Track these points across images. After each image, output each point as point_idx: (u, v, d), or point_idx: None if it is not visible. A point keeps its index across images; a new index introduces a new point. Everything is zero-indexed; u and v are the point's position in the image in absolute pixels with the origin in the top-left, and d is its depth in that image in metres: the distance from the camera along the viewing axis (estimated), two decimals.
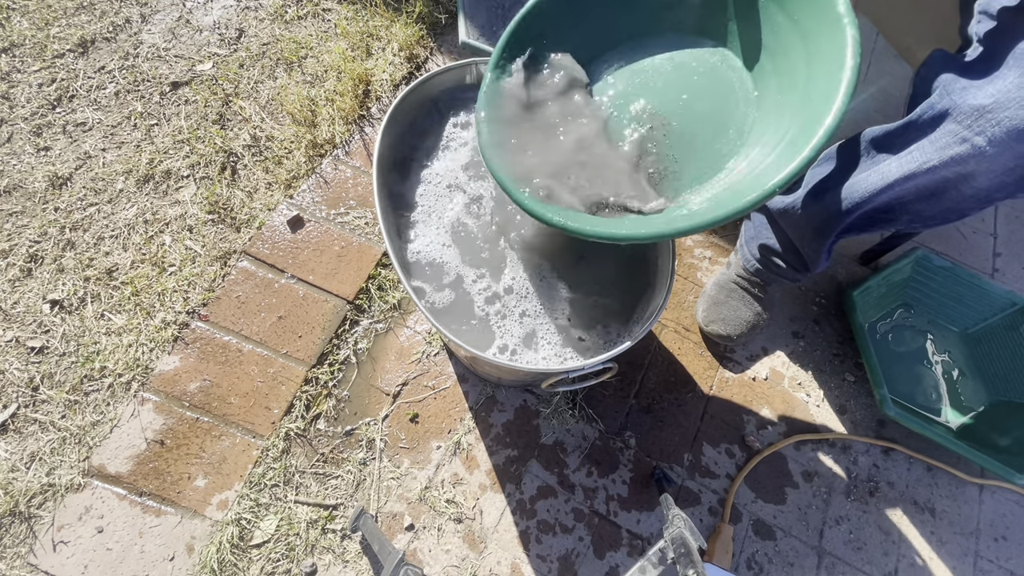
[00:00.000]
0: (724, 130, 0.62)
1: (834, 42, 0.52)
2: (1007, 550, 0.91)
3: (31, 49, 1.18)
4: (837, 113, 0.50)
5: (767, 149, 0.58)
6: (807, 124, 0.53)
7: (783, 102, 0.58)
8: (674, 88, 0.65)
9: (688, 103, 0.64)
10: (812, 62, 0.55)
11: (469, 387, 0.94)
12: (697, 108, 0.64)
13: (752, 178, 0.56)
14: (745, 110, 0.61)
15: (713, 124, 0.63)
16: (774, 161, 0.55)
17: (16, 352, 0.90)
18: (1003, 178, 0.62)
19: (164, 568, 0.79)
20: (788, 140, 0.55)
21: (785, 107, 0.57)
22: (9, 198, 1.02)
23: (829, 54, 0.53)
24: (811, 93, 0.54)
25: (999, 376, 0.99)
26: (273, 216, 1.03)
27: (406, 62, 1.21)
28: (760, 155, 0.58)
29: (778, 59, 0.58)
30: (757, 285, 0.96)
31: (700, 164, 0.63)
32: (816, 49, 0.55)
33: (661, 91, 0.65)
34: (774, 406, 0.98)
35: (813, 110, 0.53)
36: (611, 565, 0.85)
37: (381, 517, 0.85)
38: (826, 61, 0.53)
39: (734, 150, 0.61)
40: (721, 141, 0.62)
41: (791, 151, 0.53)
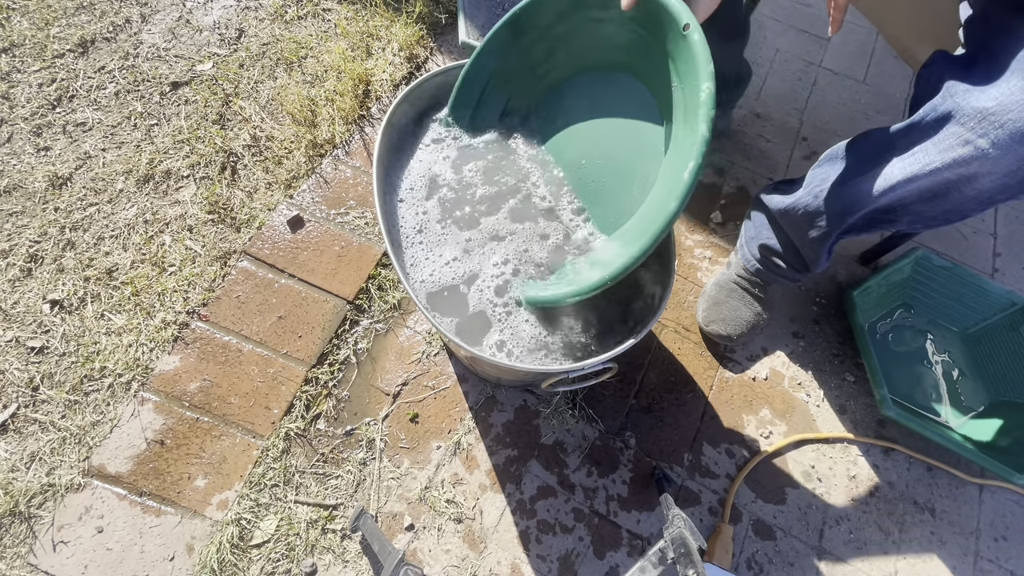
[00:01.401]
0: (629, 186, 0.64)
1: (683, 160, 0.52)
2: (1007, 550, 0.91)
3: (31, 49, 1.18)
4: (644, 245, 0.53)
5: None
6: (640, 228, 0.56)
7: (656, 184, 0.59)
8: (602, 138, 0.68)
9: (608, 153, 0.67)
10: (676, 156, 0.55)
11: (469, 387, 0.94)
12: (615, 160, 0.66)
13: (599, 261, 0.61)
14: (650, 169, 0.61)
15: (623, 179, 0.65)
16: (615, 250, 0.59)
17: (16, 352, 0.90)
18: (1005, 180, 0.62)
19: (164, 568, 0.80)
20: (633, 234, 0.59)
21: (656, 189, 0.59)
22: (9, 198, 1.02)
23: (676, 167, 0.53)
24: (658, 195, 0.56)
25: (999, 376, 0.99)
26: (273, 216, 1.03)
27: (406, 62, 1.21)
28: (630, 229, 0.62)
29: (671, 135, 0.58)
30: (757, 285, 0.96)
31: (608, 217, 0.67)
32: (675, 147, 0.55)
33: (592, 140, 0.69)
34: (774, 406, 0.98)
35: (648, 218, 0.56)
36: (611, 565, 0.85)
37: (381, 517, 0.85)
38: (671, 174, 0.54)
39: (635, 207, 0.62)
40: (627, 198, 0.64)
41: (626, 248, 0.57)
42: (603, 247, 0.67)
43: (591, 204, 0.70)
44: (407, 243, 0.69)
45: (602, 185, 0.68)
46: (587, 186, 0.70)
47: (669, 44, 0.54)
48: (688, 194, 0.50)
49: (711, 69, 0.49)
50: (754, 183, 1.19)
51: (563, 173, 0.73)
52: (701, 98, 0.49)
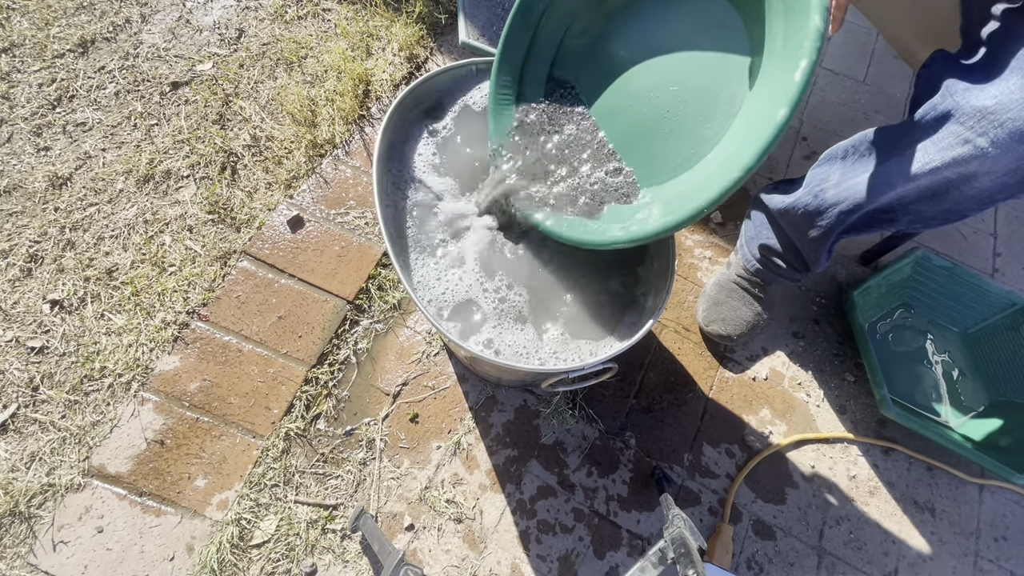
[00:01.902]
0: (712, 114, 0.58)
1: (793, 58, 0.47)
2: (1007, 550, 0.91)
3: (31, 49, 1.18)
4: (749, 162, 0.48)
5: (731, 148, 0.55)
6: (740, 147, 0.50)
7: (753, 97, 0.54)
8: (675, 62, 0.62)
9: (683, 79, 0.61)
10: (780, 61, 0.49)
11: (469, 387, 0.94)
12: (690, 86, 0.60)
13: (698, 187, 0.55)
14: (737, 89, 0.56)
15: (703, 106, 0.59)
16: (715, 171, 0.53)
17: (16, 352, 0.90)
18: (1005, 179, 0.62)
19: (164, 568, 0.80)
20: (726, 157, 0.53)
21: (752, 105, 0.54)
22: (9, 198, 1.02)
23: (784, 71, 0.48)
24: (760, 107, 0.51)
25: (999, 376, 0.98)
26: (273, 216, 1.03)
27: (406, 62, 1.21)
28: (724, 155, 0.56)
29: (764, 42, 0.53)
30: (757, 285, 0.96)
31: (686, 149, 0.61)
32: (782, 53, 0.49)
33: (663, 67, 0.63)
34: (774, 406, 0.98)
35: (751, 129, 0.50)
36: (611, 565, 0.85)
37: (381, 517, 0.85)
38: (781, 76, 0.48)
39: (720, 134, 0.57)
40: (708, 125, 0.58)
41: (721, 173, 0.51)
42: (678, 183, 0.60)
43: (662, 141, 0.63)
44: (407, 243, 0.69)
45: (678, 116, 0.61)
46: (658, 119, 0.63)
47: None
48: (800, 98, 0.45)
49: None
50: (754, 183, 1.19)
51: (623, 115, 0.66)
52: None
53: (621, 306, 0.72)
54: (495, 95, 0.71)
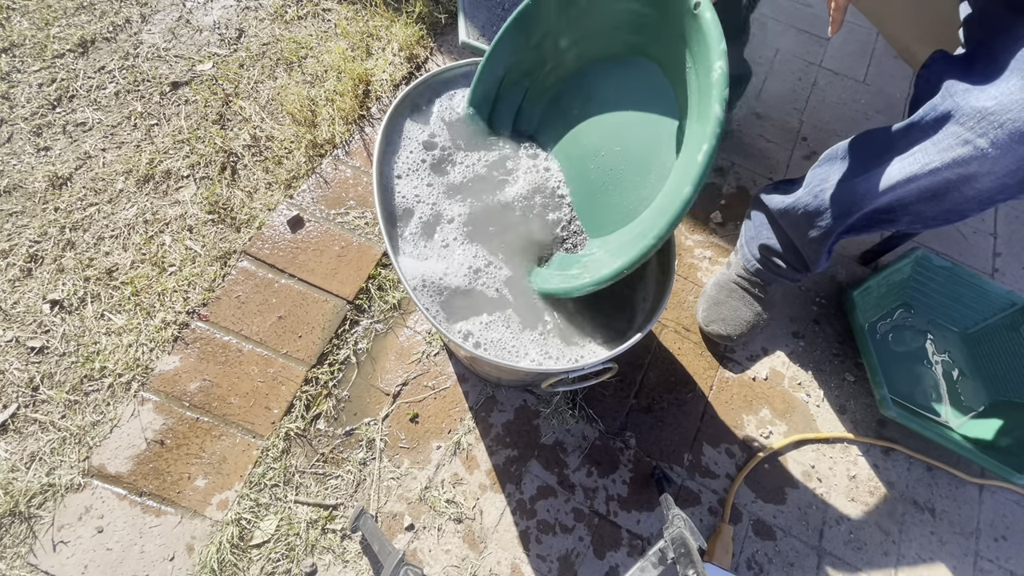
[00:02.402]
0: (647, 175, 0.63)
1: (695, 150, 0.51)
2: (1007, 550, 0.91)
3: (31, 49, 1.18)
4: (660, 231, 0.52)
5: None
6: (656, 216, 0.55)
7: (675, 167, 0.58)
8: (620, 125, 0.67)
9: (625, 141, 0.66)
10: (691, 139, 0.54)
11: (469, 387, 0.94)
12: (632, 148, 0.65)
13: (625, 246, 0.60)
14: (667, 155, 0.61)
15: (640, 167, 0.64)
16: (638, 234, 0.58)
17: (16, 352, 0.90)
18: (1005, 180, 0.62)
19: (164, 568, 0.80)
20: (647, 224, 0.58)
21: (673, 175, 0.58)
22: (9, 198, 1.02)
23: (688, 159, 0.52)
24: (674, 181, 0.55)
25: (999, 376, 0.99)
26: (273, 216, 1.03)
27: (406, 62, 1.21)
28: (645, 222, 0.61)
29: (687, 120, 0.57)
30: (757, 285, 0.96)
31: (626, 206, 0.66)
32: (689, 135, 0.54)
33: (610, 128, 0.68)
34: (774, 406, 0.98)
35: (665, 201, 0.55)
36: (611, 565, 0.85)
37: (381, 517, 0.85)
38: (684, 164, 0.53)
39: (654, 194, 0.62)
40: (644, 185, 0.63)
41: (641, 237, 0.55)
42: (617, 237, 0.66)
43: (605, 196, 0.69)
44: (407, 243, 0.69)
45: (620, 174, 0.67)
46: (604, 175, 0.68)
47: (681, 23, 0.53)
48: (703, 177, 0.49)
49: (723, 48, 0.48)
50: (754, 183, 1.19)
51: (574, 169, 0.72)
52: (713, 78, 0.48)
53: (621, 306, 0.72)
54: (471, 119, 0.74)
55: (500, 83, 0.72)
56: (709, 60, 0.49)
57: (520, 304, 0.69)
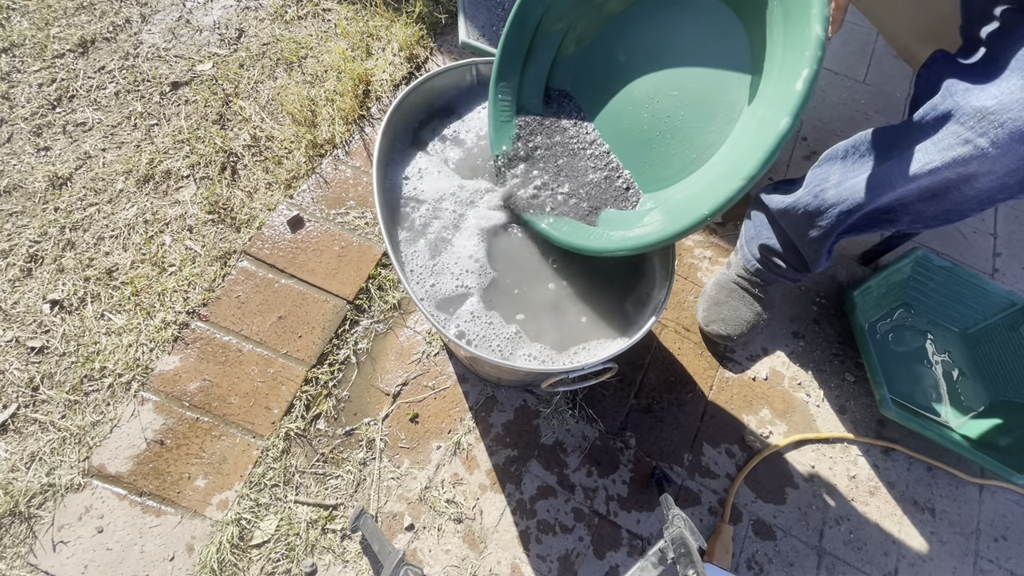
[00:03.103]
0: (713, 119, 0.58)
1: (796, 64, 0.46)
2: (1007, 550, 0.91)
3: (31, 49, 1.18)
4: (751, 170, 0.47)
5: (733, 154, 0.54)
6: (742, 154, 0.50)
7: (755, 104, 0.53)
8: (675, 66, 0.61)
9: (684, 84, 0.60)
10: (781, 70, 0.49)
11: (469, 387, 0.94)
12: (691, 91, 0.60)
13: (701, 194, 0.55)
14: (738, 94, 0.56)
15: (704, 111, 0.58)
16: (718, 178, 0.52)
17: (16, 352, 0.90)
18: (1005, 179, 0.62)
19: (164, 568, 0.80)
20: (728, 165, 0.52)
21: (754, 112, 0.53)
22: (9, 198, 1.02)
23: (789, 75, 0.47)
24: (762, 115, 0.50)
25: (999, 376, 0.98)
26: (273, 216, 1.03)
27: (406, 62, 1.21)
28: (726, 160, 0.56)
29: (765, 49, 0.52)
30: (757, 285, 0.96)
31: (687, 155, 0.60)
32: (784, 57, 0.49)
33: (663, 71, 0.62)
34: (774, 406, 0.98)
35: (753, 137, 0.50)
36: (611, 565, 0.85)
37: (381, 517, 0.85)
38: (784, 84, 0.47)
39: (721, 139, 0.57)
40: (710, 130, 0.58)
41: (724, 180, 0.50)
42: (683, 188, 0.59)
43: (663, 146, 0.63)
44: (407, 243, 0.69)
45: (679, 121, 0.60)
46: (660, 123, 0.62)
47: None
48: (803, 107, 0.44)
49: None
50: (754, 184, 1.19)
51: (624, 120, 0.66)
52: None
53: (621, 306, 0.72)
54: (495, 106, 0.70)
55: (536, 28, 0.66)
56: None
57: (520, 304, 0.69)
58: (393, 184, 0.72)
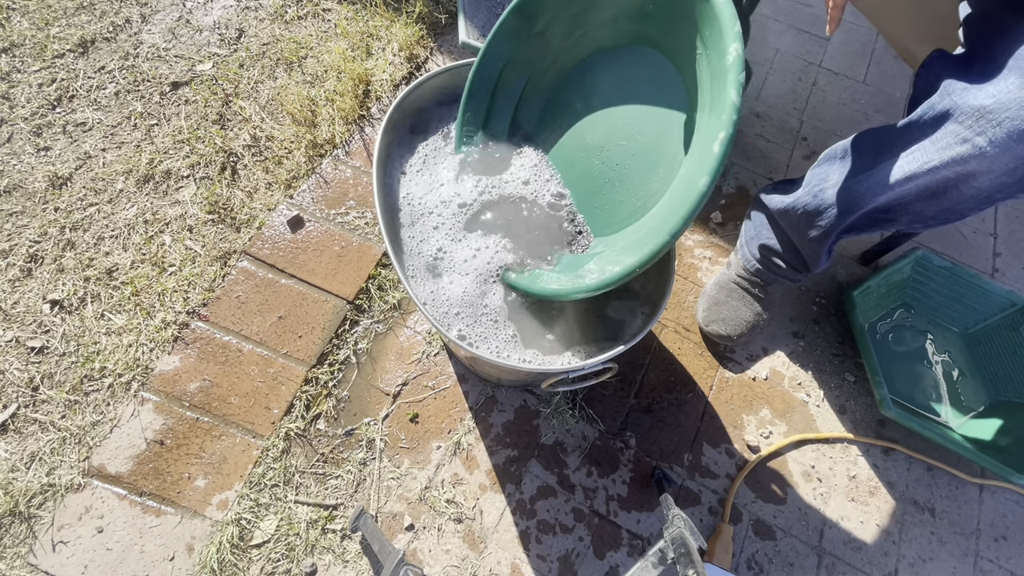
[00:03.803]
0: (656, 169, 0.61)
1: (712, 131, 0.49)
2: (1007, 550, 0.91)
3: (31, 49, 1.18)
4: (674, 227, 0.50)
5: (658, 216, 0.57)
6: (669, 211, 0.52)
7: (687, 159, 0.56)
8: (626, 118, 0.65)
9: (631, 135, 0.64)
10: (706, 128, 0.51)
11: (469, 387, 0.94)
12: (638, 142, 0.63)
13: (637, 244, 0.57)
14: (678, 146, 0.59)
15: (648, 161, 0.62)
16: (651, 230, 0.55)
17: (16, 352, 0.90)
18: (1004, 179, 0.62)
19: (164, 568, 0.80)
20: (659, 219, 0.55)
21: (686, 167, 0.56)
22: (9, 198, 1.02)
23: (704, 145, 0.50)
24: (689, 172, 0.53)
25: (999, 376, 0.98)
26: (273, 216, 1.03)
27: (406, 62, 1.21)
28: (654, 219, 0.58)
29: (697, 107, 0.55)
30: (757, 285, 0.96)
31: (633, 202, 0.64)
32: (703, 123, 0.52)
33: (615, 122, 0.66)
34: (774, 406, 0.98)
35: (679, 194, 0.52)
36: (611, 565, 0.85)
37: (381, 517, 0.85)
38: (698, 155, 0.51)
39: (664, 188, 0.60)
40: (654, 179, 0.61)
41: (655, 233, 0.53)
42: (626, 235, 0.63)
43: (612, 193, 0.66)
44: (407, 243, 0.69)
45: (627, 169, 0.64)
46: (610, 171, 0.66)
47: (690, 7, 0.51)
48: (720, 167, 0.47)
49: (738, 30, 0.46)
50: (754, 183, 1.19)
51: (578, 165, 0.70)
52: (728, 62, 0.46)
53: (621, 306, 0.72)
54: (459, 142, 0.73)
55: (499, 76, 0.70)
56: (723, 43, 0.47)
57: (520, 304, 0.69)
58: (393, 184, 0.72)
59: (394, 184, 0.72)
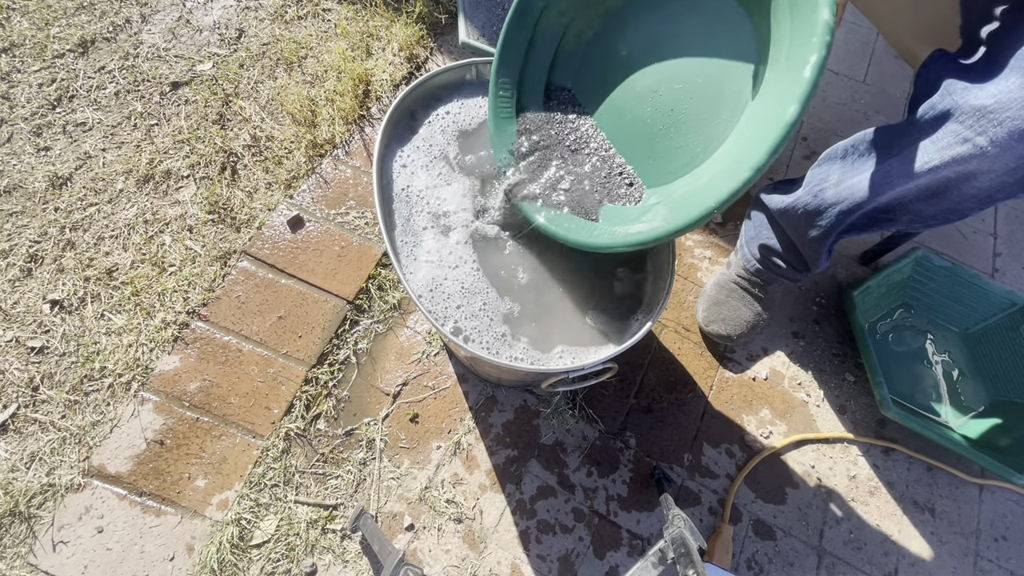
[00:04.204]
0: (718, 111, 0.57)
1: (804, 51, 0.45)
2: (1007, 550, 0.91)
3: (31, 49, 1.18)
4: (759, 161, 0.46)
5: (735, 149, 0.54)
6: (749, 145, 0.49)
7: (760, 94, 0.52)
8: (680, 57, 0.61)
9: (687, 77, 0.60)
10: (788, 58, 0.48)
11: (469, 387, 0.94)
12: (695, 83, 0.59)
13: (706, 187, 0.54)
14: (742, 86, 0.55)
15: (708, 103, 0.58)
16: (724, 170, 0.52)
17: (16, 352, 0.90)
18: (1004, 178, 0.62)
19: (164, 568, 0.79)
20: (734, 158, 0.52)
21: (760, 102, 0.52)
22: (9, 198, 1.02)
23: (794, 68, 0.46)
24: (769, 105, 0.49)
25: (999, 376, 0.98)
26: (273, 216, 1.03)
27: (406, 62, 1.21)
28: (730, 153, 0.55)
29: (770, 37, 0.52)
30: (757, 285, 0.96)
31: (692, 148, 0.59)
32: (789, 51, 0.48)
33: (667, 63, 0.62)
34: (774, 406, 0.98)
35: (760, 127, 0.49)
36: (611, 565, 0.85)
37: (381, 517, 0.85)
38: (790, 74, 0.47)
39: (727, 132, 0.56)
40: (714, 123, 0.57)
41: (731, 172, 0.50)
42: (688, 182, 0.59)
43: (667, 140, 0.62)
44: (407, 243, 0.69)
45: (683, 114, 0.60)
46: (663, 117, 0.62)
47: None
48: (810, 95, 0.44)
49: None
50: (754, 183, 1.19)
51: (627, 114, 0.65)
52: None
53: (621, 306, 0.72)
54: (495, 102, 0.70)
55: (536, 22, 0.66)
56: None
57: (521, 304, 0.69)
58: (393, 184, 0.72)
59: (394, 184, 0.72)
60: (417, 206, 0.71)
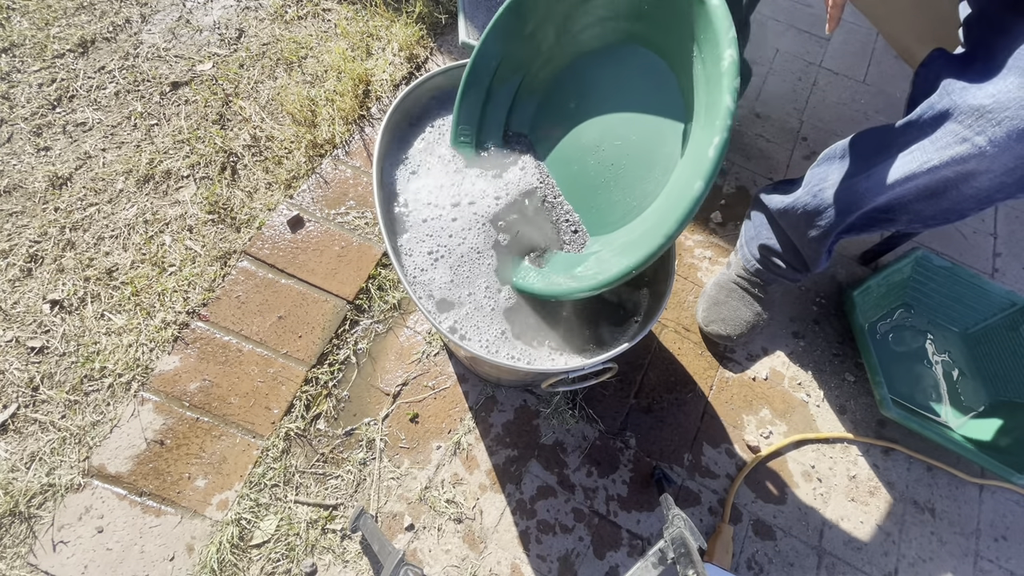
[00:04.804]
0: (652, 168, 0.60)
1: (707, 134, 0.48)
2: (1007, 550, 0.91)
3: (31, 49, 1.18)
4: (669, 230, 0.49)
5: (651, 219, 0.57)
6: (665, 213, 0.52)
7: (682, 162, 0.56)
8: (621, 117, 0.65)
9: (626, 134, 0.64)
10: (701, 131, 0.51)
11: (469, 387, 0.94)
12: (631, 141, 0.63)
13: (632, 244, 0.57)
14: (673, 147, 0.58)
15: (643, 160, 0.61)
16: (646, 232, 0.55)
17: (16, 352, 0.90)
18: (1003, 178, 0.62)
19: (164, 568, 0.80)
20: (657, 219, 0.55)
21: (680, 170, 0.55)
22: (9, 198, 1.02)
23: (701, 143, 0.49)
24: (684, 174, 0.52)
25: (999, 376, 0.98)
26: (273, 216, 1.03)
27: (406, 62, 1.21)
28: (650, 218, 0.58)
29: (693, 109, 0.55)
30: (757, 285, 0.96)
31: (628, 202, 0.63)
32: (699, 120, 0.52)
33: (609, 121, 0.66)
34: (774, 406, 0.98)
35: (674, 197, 0.52)
36: (611, 565, 0.85)
37: (381, 517, 0.85)
38: (695, 154, 0.50)
39: (659, 189, 0.59)
40: (648, 180, 0.61)
41: (649, 236, 0.53)
42: (622, 235, 0.63)
43: (607, 192, 0.66)
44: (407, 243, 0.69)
45: (622, 169, 0.64)
46: (605, 171, 0.66)
47: (686, 10, 0.50)
48: (714, 172, 0.47)
49: (733, 35, 0.46)
50: (754, 183, 1.19)
51: (573, 165, 0.70)
52: (723, 67, 0.46)
53: (621, 306, 0.72)
54: (455, 138, 0.73)
55: (493, 75, 0.70)
56: (718, 49, 0.47)
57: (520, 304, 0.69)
58: (393, 183, 0.72)
59: (394, 184, 0.72)
60: (417, 205, 0.71)
